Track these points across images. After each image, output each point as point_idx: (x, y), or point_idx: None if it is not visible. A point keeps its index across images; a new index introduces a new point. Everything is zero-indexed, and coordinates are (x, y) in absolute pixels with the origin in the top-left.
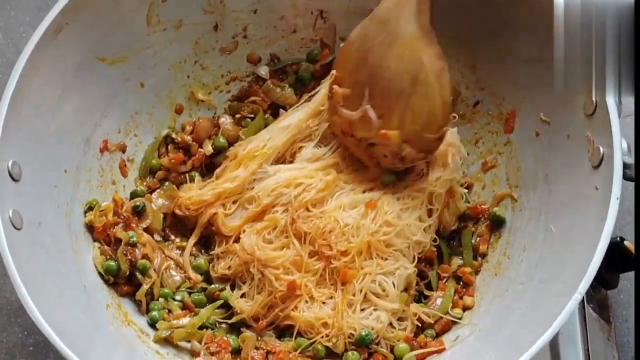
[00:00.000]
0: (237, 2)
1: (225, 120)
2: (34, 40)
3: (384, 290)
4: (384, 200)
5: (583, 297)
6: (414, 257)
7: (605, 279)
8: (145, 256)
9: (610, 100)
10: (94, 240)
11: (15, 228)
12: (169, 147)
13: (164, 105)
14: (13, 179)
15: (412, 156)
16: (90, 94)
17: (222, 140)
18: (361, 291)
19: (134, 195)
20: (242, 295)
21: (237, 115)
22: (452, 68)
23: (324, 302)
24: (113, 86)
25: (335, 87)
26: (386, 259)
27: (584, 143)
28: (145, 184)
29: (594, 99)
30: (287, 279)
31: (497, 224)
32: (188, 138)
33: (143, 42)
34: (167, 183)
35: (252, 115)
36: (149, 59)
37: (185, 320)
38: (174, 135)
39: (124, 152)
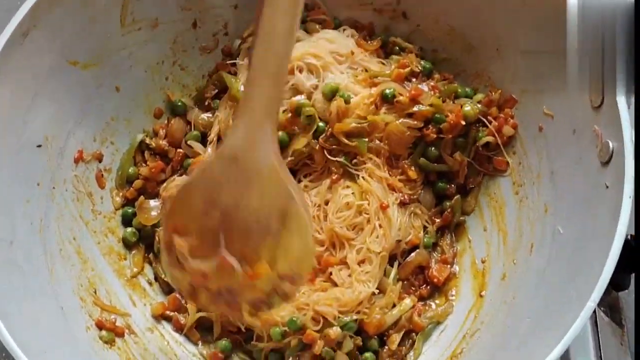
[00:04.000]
0: None
1: (195, 113)
2: None
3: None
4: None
5: None
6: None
7: (616, 280)
8: None
9: (620, 92)
10: None
11: None
12: (146, 154)
13: (141, 110)
14: None
15: (293, 291)
16: (62, 100)
17: (195, 133)
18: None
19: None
20: None
21: (206, 103)
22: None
23: None
24: (87, 91)
25: (176, 237)
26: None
27: (592, 138)
28: (121, 194)
29: (602, 92)
30: None
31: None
32: (163, 143)
33: (117, 43)
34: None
35: (217, 91)
36: (124, 61)
37: None
38: (148, 141)
39: (100, 161)
